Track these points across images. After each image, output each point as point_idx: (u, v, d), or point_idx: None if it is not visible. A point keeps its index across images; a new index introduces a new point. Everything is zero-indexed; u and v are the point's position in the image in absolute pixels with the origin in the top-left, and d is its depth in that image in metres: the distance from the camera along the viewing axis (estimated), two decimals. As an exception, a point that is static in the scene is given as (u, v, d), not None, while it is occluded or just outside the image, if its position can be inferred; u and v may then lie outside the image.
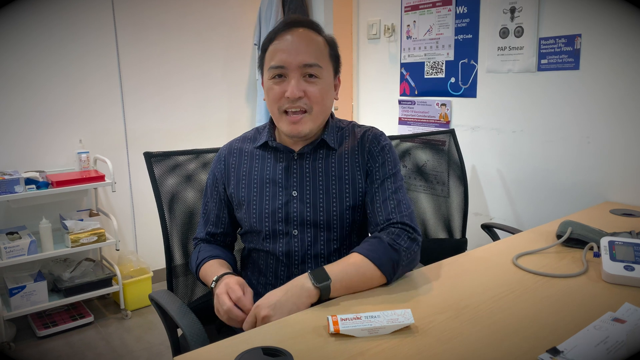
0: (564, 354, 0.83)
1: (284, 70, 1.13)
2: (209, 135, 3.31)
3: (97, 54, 2.81)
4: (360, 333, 0.90)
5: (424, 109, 2.57)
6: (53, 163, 2.74)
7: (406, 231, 1.12)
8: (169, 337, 1.36)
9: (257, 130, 1.31)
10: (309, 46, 1.13)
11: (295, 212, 1.18)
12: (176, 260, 1.45)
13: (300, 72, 1.13)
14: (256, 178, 1.23)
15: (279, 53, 1.13)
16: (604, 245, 1.23)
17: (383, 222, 1.14)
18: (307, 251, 1.19)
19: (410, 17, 2.58)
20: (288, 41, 1.13)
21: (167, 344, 2.44)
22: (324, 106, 1.17)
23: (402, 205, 1.16)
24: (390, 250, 1.09)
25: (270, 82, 1.16)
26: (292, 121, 1.14)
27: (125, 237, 3.04)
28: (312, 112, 1.15)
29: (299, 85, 1.12)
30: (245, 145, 1.29)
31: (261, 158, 1.24)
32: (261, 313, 0.98)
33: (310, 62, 1.12)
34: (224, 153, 1.30)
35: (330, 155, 1.21)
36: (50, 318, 2.63)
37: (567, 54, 1.97)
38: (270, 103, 1.17)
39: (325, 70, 1.16)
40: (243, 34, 3.39)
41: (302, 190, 1.19)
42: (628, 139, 1.87)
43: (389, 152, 1.22)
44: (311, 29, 1.17)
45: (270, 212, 1.19)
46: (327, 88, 1.17)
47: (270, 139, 1.24)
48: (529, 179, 2.20)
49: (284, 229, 1.19)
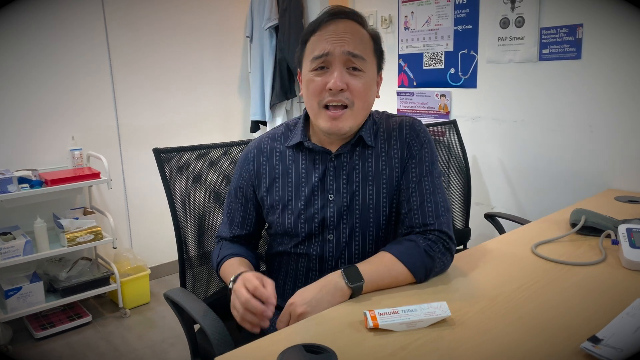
0: (604, 341, 0.84)
1: (328, 58, 1.06)
2: (202, 129, 3.27)
3: (88, 49, 2.73)
4: (399, 327, 0.90)
5: (423, 100, 2.57)
6: (45, 161, 2.67)
7: (442, 240, 1.09)
8: (186, 335, 1.33)
9: (287, 127, 1.23)
10: (354, 37, 1.07)
11: (332, 216, 1.14)
12: (190, 252, 1.42)
13: (343, 63, 1.06)
14: (290, 181, 1.16)
15: (322, 42, 1.07)
16: (622, 233, 1.25)
17: (419, 226, 1.11)
18: (342, 255, 1.16)
19: (408, 8, 2.57)
20: (332, 31, 1.07)
21: (171, 342, 2.41)
22: (366, 102, 1.10)
23: (440, 208, 1.12)
24: (425, 256, 1.07)
25: (311, 74, 1.09)
26: (332, 117, 1.07)
27: (120, 235, 2.99)
28: (354, 108, 1.08)
29: (342, 76, 1.05)
30: (275, 144, 1.21)
31: (295, 159, 1.17)
32: (297, 310, 0.97)
33: (355, 52, 1.06)
34: (253, 153, 1.22)
35: (367, 154, 1.15)
36: (47, 319, 2.57)
37: (568, 44, 1.99)
38: (310, 97, 1.10)
39: (370, 64, 1.10)
40: (234, 27, 3.34)
41: (339, 193, 1.14)
42: (631, 126, 1.89)
43: (427, 146, 1.16)
44: (356, 21, 1.10)
45: (307, 217, 1.14)
46: (370, 83, 1.10)
47: (305, 138, 1.16)
48: (530, 168, 2.22)
49: (319, 234, 1.15)
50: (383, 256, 1.07)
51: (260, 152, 1.21)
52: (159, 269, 3.15)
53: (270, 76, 3.17)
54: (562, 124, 2.08)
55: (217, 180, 1.48)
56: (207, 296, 1.46)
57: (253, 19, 3.24)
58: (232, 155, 1.51)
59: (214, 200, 1.47)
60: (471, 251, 1.31)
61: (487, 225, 2.09)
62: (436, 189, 1.14)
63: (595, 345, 0.82)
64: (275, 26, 3.11)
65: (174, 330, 2.52)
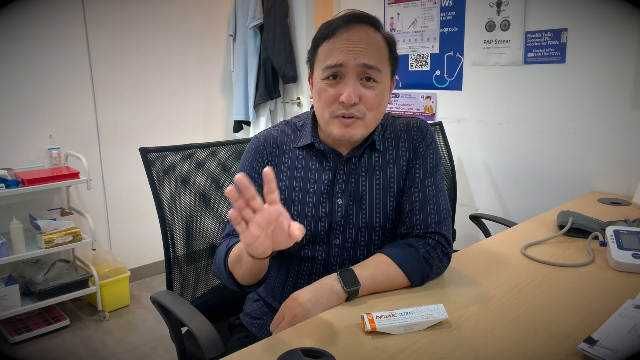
0: (600, 342, 0.84)
1: (341, 69, 1.03)
2: (184, 128, 3.22)
3: (66, 46, 2.66)
4: (396, 330, 0.89)
5: (408, 102, 2.58)
6: (21, 160, 2.59)
7: (441, 245, 1.09)
8: (173, 338, 1.30)
9: (294, 127, 1.18)
10: (370, 47, 1.03)
11: (340, 221, 1.12)
12: (178, 252, 1.39)
13: (357, 75, 1.03)
14: (299, 183, 1.13)
15: (336, 52, 1.02)
16: (610, 235, 1.27)
17: (420, 229, 1.10)
18: (346, 259, 1.14)
19: (394, 9, 2.58)
20: (347, 39, 1.02)
21: (152, 345, 2.36)
22: (379, 112, 1.08)
23: (441, 211, 1.11)
24: (424, 264, 1.06)
25: (324, 83, 1.05)
26: (344, 124, 1.04)
27: (99, 236, 2.92)
28: (365, 119, 1.06)
29: (355, 89, 1.02)
30: (285, 142, 1.17)
31: (304, 160, 1.14)
32: (290, 313, 0.95)
33: (370, 63, 1.02)
34: (264, 145, 1.16)
35: (374, 157, 1.14)
36: (22, 323, 2.49)
37: (553, 48, 2.02)
38: (321, 105, 1.07)
39: (384, 73, 1.06)
40: (217, 25, 3.30)
41: (346, 197, 1.12)
42: (612, 129, 1.93)
43: (432, 147, 1.16)
44: (371, 25, 1.06)
45: (313, 221, 1.12)
46: (383, 93, 1.07)
47: (316, 139, 1.13)
48: (515, 170, 2.25)
49: (325, 237, 1.13)
50: (381, 259, 1.06)
51: (269, 144, 1.16)
52: (140, 271, 3.09)
53: (254, 76, 3.14)
54: (546, 127, 2.11)
55: (205, 180, 1.45)
56: (195, 298, 1.43)
57: (237, 18, 3.21)
58: (220, 155, 1.48)
59: (201, 200, 1.44)
60: (463, 252, 1.31)
61: (471, 226, 2.11)
62: (439, 191, 1.14)
63: (591, 347, 0.83)
64: (259, 25, 3.08)
65: (155, 333, 2.47)
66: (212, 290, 1.47)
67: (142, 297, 2.87)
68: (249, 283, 1.02)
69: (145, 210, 3.00)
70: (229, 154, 1.49)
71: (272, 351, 0.83)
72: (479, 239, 1.96)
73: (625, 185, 1.92)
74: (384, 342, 0.87)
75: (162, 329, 2.49)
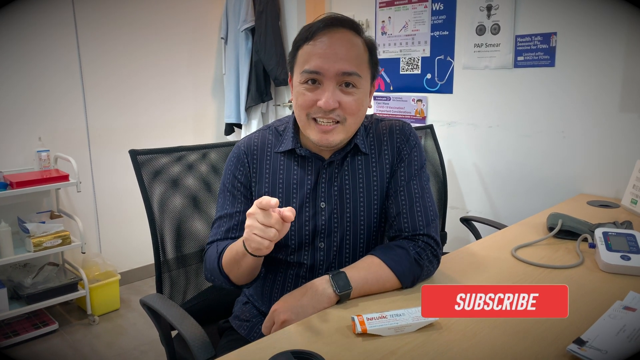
0: (589, 343, 0.85)
1: (319, 76, 1.02)
2: (175, 131, 3.20)
3: (57, 47, 2.64)
4: (387, 332, 0.89)
5: (399, 105, 2.59)
6: (10, 162, 2.56)
7: (430, 247, 1.09)
8: (163, 342, 1.29)
9: (276, 132, 1.17)
10: (349, 52, 1.02)
11: (324, 225, 1.12)
12: (167, 255, 1.38)
13: (336, 81, 1.02)
14: (281, 189, 1.12)
15: (314, 57, 1.01)
16: (599, 237, 1.28)
17: (408, 231, 1.10)
18: (332, 263, 1.14)
19: (385, 13, 2.59)
20: (326, 44, 1.01)
21: (142, 349, 2.34)
22: (359, 117, 1.07)
23: (429, 212, 1.12)
24: (415, 265, 1.06)
25: (302, 88, 1.04)
26: (322, 130, 1.04)
27: (89, 239, 2.89)
28: (345, 124, 1.05)
29: (334, 95, 1.01)
30: (266, 147, 1.16)
31: (286, 166, 1.13)
32: (280, 317, 0.95)
33: (349, 70, 1.01)
34: (244, 154, 1.15)
35: (357, 160, 1.13)
36: (10, 327, 2.46)
37: (542, 52, 2.03)
38: (299, 109, 1.06)
39: (364, 79, 1.06)
40: (209, 28, 3.29)
41: (330, 201, 1.12)
42: (602, 133, 1.95)
43: (416, 150, 1.15)
44: (352, 29, 1.05)
45: (297, 227, 1.11)
46: (363, 98, 1.07)
47: (297, 145, 1.12)
48: (505, 173, 2.26)
49: (310, 242, 1.13)
50: (372, 261, 1.06)
51: (250, 152, 1.15)
52: (130, 275, 3.06)
53: (245, 78, 3.13)
54: (536, 130, 2.12)
55: (195, 182, 1.44)
56: (185, 302, 1.42)
57: (228, 20, 3.20)
58: (210, 158, 1.47)
59: (191, 203, 1.43)
60: (453, 255, 1.32)
61: (462, 229, 2.11)
62: (425, 193, 1.14)
63: (581, 348, 0.83)
64: (251, 28, 3.08)
65: (145, 337, 2.45)
66: (202, 294, 1.46)
67: (132, 301, 2.85)
68: (245, 282, 1.07)
69: (136, 213, 2.97)
70: (219, 156, 1.48)
71: (262, 354, 0.82)
72: (470, 241, 1.97)
73: (614, 188, 1.94)
74: (375, 344, 0.86)
75: (153, 332, 2.47)
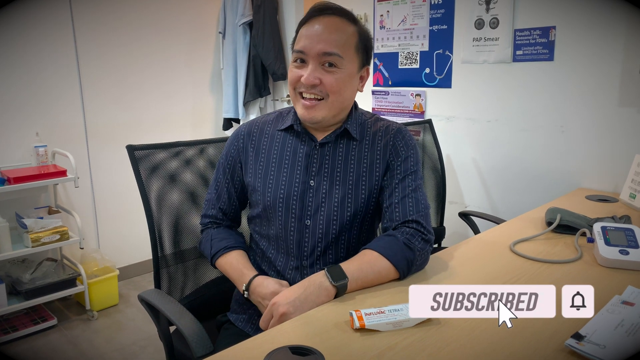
0: (587, 338, 0.85)
1: (304, 56, 1.13)
2: (173, 126, 3.19)
3: (54, 43, 2.62)
4: (385, 327, 0.89)
5: (398, 100, 2.58)
6: (8, 158, 2.55)
7: (420, 232, 1.12)
8: (162, 337, 1.29)
9: (280, 114, 1.28)
10: (332, 35, 1.11)
11: (311, 203, 1.17)
12: (166, 250, 1.37)
13: (318, 60, 1.12)
14: (275, 159, 1.21)
15: (302, 38, 1.13)
16: (598, 231, 1.27)
17: (399, 220, 1.14)
18: (318, 242, 1.17)
19: (383, 7, 2.57)
20: (314, 28, 1.12)
21: (141, 344, 2.34)
22: (341, 96, 1.15)
23: (420, 204, 1.16)
24: (406, 249, 1.09)
25: (292, 65, 1.17)
26: (306, 106, 1.14)
27: (87, 235, 2.89)
28: (328, 100, 1.14)
29: (314, 72, 1.12)
30: (266, 127, 1.26)
31: (282, 140, 1.23)
32: (280, 310, 0.95)
33: (329, 50, 1.11)
34: (243, 133, 1.27)
35: (351, 146, 1.20)
36: (9, 323, 2.46)
37: (541, 46, 2.02)
38: (289, 84, 1.18)
39: (348, 60, 1.14)
40: (206, 22, 3.28)
41: (320, 180, 1.18)
42: (600, 127, 1.94)
43: (412, 149, 1.22)
44: (343, 17, 1.14)
45: (285, 196, 1.17)
46: (345, 78, 1.14)
47: (296, 122, 1.21)
48: (503, 168, 2.26)
49: (296, 218, 1.17)
50: (365, 253, 1.09)
51: (250, 132, 1.26)
52: (128, 270, 3.06)
53: (244, 73, 3.12)
54: (535, 124, 2.12)
55: (193, 177, 1.44)
56: (183, 297, 1.42)
57: (226, 15, 3.19)
58: (208, 153, 1.47)
59: (189, 198, 1.42)
60: (452, 249, 1.31)
61: (461, 223, 2.11)
62: (418, 188, 1.18)
63: (579, 342, 0.83)
64: (249, 22, 3.07)
65: (144, 332, 2.45)
66: (201, 289, 1.46)
67: (131, 296, 2.85)
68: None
69: (134, 208, 2.94)
70: (217, 151, 1.48)
71: (260, 349, 0.82)
72: (468, 236, 1.97)
73: (613, 183, 1.94)
74: (373, 340, 0.86)
75: (151, 328, 2.47)
